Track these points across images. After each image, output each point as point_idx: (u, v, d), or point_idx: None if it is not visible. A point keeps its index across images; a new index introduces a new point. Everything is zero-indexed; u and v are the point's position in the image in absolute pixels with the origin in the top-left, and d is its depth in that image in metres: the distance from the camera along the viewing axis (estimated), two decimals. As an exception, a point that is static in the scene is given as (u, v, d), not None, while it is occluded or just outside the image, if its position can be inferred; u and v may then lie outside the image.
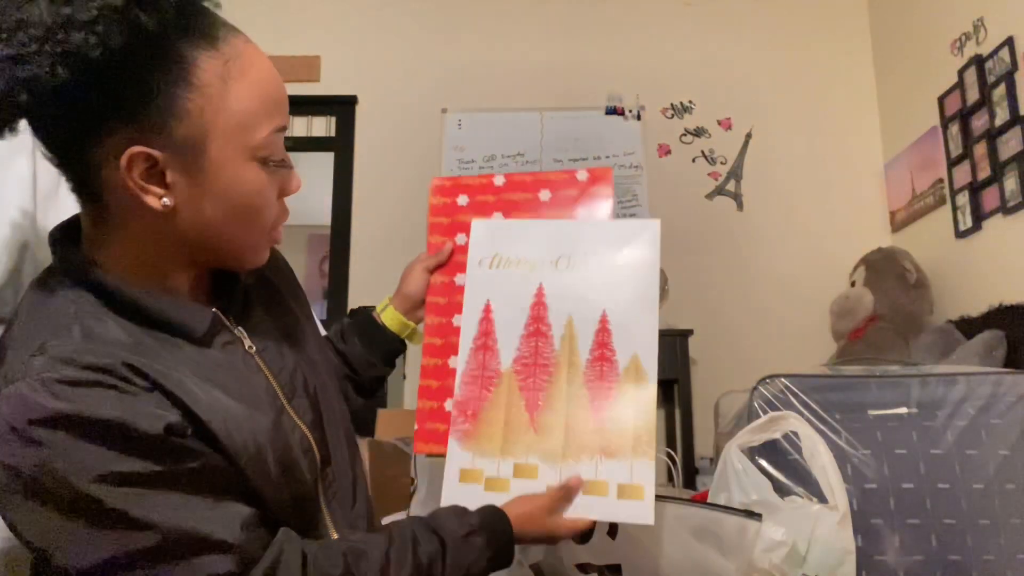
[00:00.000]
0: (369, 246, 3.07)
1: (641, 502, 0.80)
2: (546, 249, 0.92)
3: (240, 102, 0.64)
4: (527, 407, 0.86)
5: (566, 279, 0.90)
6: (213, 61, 0.63)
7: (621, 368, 0.84)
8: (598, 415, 0.83)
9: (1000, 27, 2.31)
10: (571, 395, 0.85)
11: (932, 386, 1.25)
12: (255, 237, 0.71)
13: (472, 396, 0.88)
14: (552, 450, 0.83)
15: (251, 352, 0.73)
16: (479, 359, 0.89)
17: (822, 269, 2.97)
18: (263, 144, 0.66)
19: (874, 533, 1.14)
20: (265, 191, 0.68)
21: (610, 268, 0.89)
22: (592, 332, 0.87)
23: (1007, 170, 2.25)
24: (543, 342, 0.88)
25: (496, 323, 0.90)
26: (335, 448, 0.78)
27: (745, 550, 0.91)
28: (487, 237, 0.95)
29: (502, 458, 0.84)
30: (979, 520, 1.15)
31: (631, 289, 0.87)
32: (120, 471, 0.57)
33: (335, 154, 3.20)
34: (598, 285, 0.89)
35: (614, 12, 3.26)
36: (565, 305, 0.89)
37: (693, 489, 2.41)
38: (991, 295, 2.29)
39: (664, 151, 3.16)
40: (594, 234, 0.92)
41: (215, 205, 0.66)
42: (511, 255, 0.93)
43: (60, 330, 0.61)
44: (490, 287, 0.92)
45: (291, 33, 3.19)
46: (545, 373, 0.87)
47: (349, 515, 0.77)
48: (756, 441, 1.13)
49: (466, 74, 3.21)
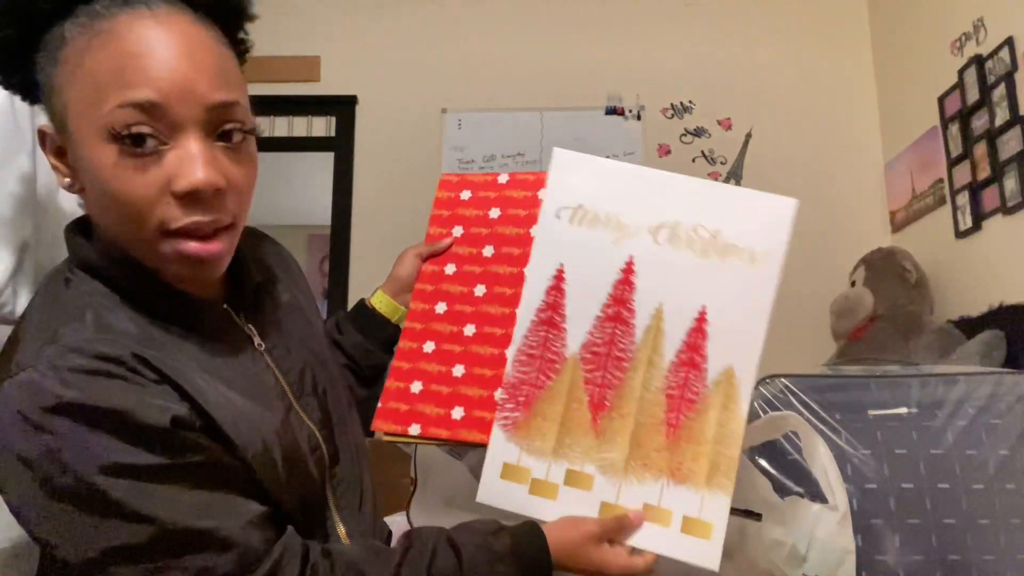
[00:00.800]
0: (369, 246, 3.06)
1: (707, 542, 0.69)
2: (647, 209, 0.75)
3: (92, 74, 0.59)
4: (591, 405, 0.73)
5: (665, 256, 0.74)
6: (81, 36, 0.60)
7: (710, 380, 0.71)
8: (674, 430, 0.71)
9: (1000, 27, 2.31)
10: (645, 400, 0.72)
11: (932, 386, 1.25)
12: (141, 238, 0.62)
13: (527, 380, 0.75)
14: (613, 461, 0.71)
15: (260, 350, 0.73)
16: (540, 336, 0.75)
17: (822, 269, 2.97)
18: (109, 119, 0.59)
19: (874, 533, 1.14)
20: (123, 177, 0.60)
21: (723, 254, 0.74)
22: (684, 329, 0.73)
23: (1007, 170, 2.25)
24: (622, 330, 0.74)
25: (568, 295, 0.75)
26: (343, 447, 0.77)
27: (745, 550, 0.91)
28: (573, 177, 0.78)
29: (554, 460, 0.72)
30: (979, 520, 1.15)
31: (743, 284, 0.73)
32: (125, 462, 0.57)
33: (335, 154, 3.19)
34: (704, 274, 0.73)
35: (614, 12, 3.26)
36: (657, 289, 0.74)
37: (693, 489, 2.40)
38: (991, 295, 2.29)
39: (664, 151, 3.16)
40: (713, 202, 0.75)
41: (92, 190, 0.62)
42: (600, 210, 0.76)
43: (73, 320, 0.61)
44: (566, 248, 0.76)
45: (291, 33, 3.19)
46: (619, 368, 0.73)
47: (357, 513, 0.77)
48: (756, 441, 1.13)
49: (466, 74, 3.21)
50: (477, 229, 0.95)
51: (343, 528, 0.74)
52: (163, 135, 0.60)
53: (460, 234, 0.96)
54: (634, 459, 0.71)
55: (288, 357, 0.75)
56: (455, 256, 0.94)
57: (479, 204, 0.97)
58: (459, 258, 0.94)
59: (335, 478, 0.75)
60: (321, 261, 4.75)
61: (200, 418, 0.62)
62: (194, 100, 0.61)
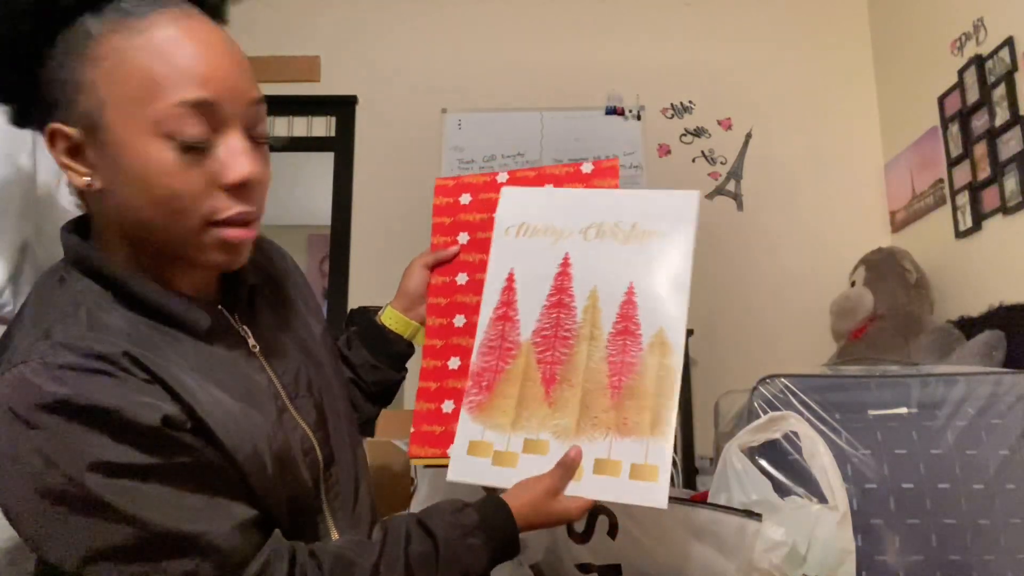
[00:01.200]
0: (369, 246, 3.07)
1: (654, 484, 0.76)
2: (576, 218, 0.88)
3: (134, 72, 0.60)
4: (543, 380, 0.82)
5: (594, 249, 0.86)
6: (115, 34, 0.61)
7: (645, 342, 0.80)
8: (616, 391, 0.79)
9: (1000, 27, 2.31)
10: (590, 370, 0.81)
11: (932, 386, 1.25)
12: (185, 229, 0.64)
13: (489, 367, 0.84)
14: (565, 426, 0.79)
15: (255, 351, 0.73)
16: (499, 329, 0.85)
17: (822, 269, 2.97)
18: (164, 118, 0.60)
19: (874, 533, 1.14)
20: (176, 173, 0.61)
21: (641, 239, 0.85)
22: (617, 304, 0.82)
23: (1007, 170, 2.25)
24: (565, 313, 0.84)
25: (519, 292, 0.86)
26: (339, 449, 0.77)
27: (745, 550, 0.91)
28: (516, 205, 0.92)
29: (513, 432, 0.80)
30: (979, 520, 1.15)
31: (663, 262, 0.83)
32: (113, 461, 0.57)
33: (335, 154, 3.19)
34: (627, 257, 0.84)
35: (614, 12, 3.26)
36: (590, 276, 0.85)
37: (693, 489, 2.41)
38: (991, 295, 2.29)
39: (664, 151, 3.16)
40: (628, 204, 0.88)
41: (127, 187, 0.62)
42: (539, 223, 0.89)
43: (66, 317, 0.61)
44: (515, 255, 0.88)
45: (291, 33, 3.19)
46: (565, 346, 0.82)
47: (351, 516, 0.76)
48: (756, 441, 1.13)
49: (466, 74, 3.21)
50: (483, 234, 0.95)
51: (337, 533, 0.74)
52: (213, 132, 0.63)
53: (466, 241, 0.96)
54: (584, 421, 0.79)
55: (282, 359, 0.75)
56: (464, 264, 0.95)
57: (481, 207, 0.97)
58: (469, 266, 0.95)
59: (330, 481, 0.75)
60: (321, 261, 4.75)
61: (190, 419, 0.62)
62: (239, 98, 0.64)
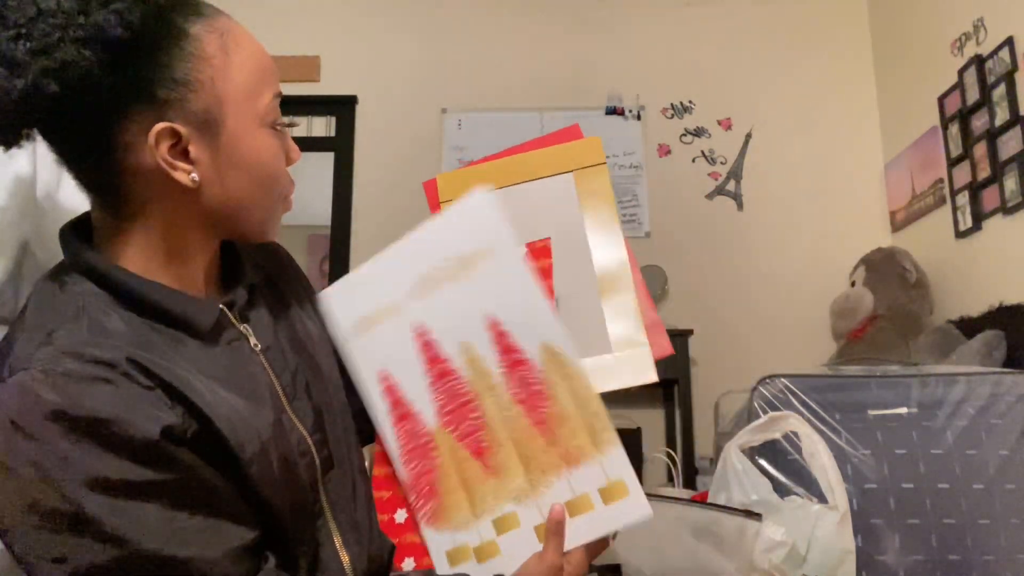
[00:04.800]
0: (369, 246, 3.06)
1: (628, 498, 0.71)
2: (399, 283, 0.80)
3: (243, 71, 0.66)
4: (474, 455, 0.75)
5: (436, 304, 0.78)
6: (211, 34, 0.65)
7: (538, 364, 0.74)
8: (543, 426, 0.73)
9: (1000, 27, 2.31)
10: (507, 419, 0.74)
11: (932, 386, 1.25)
12: (275, 205, 0.73)
13: (419, 472, 0.77)
14: (519, 488, 0.73)
15: (256, 350, 0.72)
16: (405, 431, 0.78)
17: (822, 269, 2.97)
18: (268, 110, 0.68)
19: (874, 533, 1.14)
20: (279, 156, 0.71)
21: (469, 269, 0.77)
22: (490, 343, 0.75)
23: (1007, 170, 2.25)
24: (451, 380, 0.77)
25: (399, 386, 0.79)
26: (337, 451, 0.76)
27: (745, 550, 0.92)
28: (340, 305, 0.83)
29: (478, 520, 0.74)
30: (979, 520, 1.15)
31: (503, 279, 0.76)
32: (109, 477, 0.56)
33: (335, 154, 3.20)
34: (469, 293, 0.77)
35: (614, 12, 3.26)
36: (450, 331, 0.77)
37: (693, 489, 2.41)
38: (991, 295, 2.29)
39: (664, 151, 3.16)
40: (433, 239, 0.79)
41: (238, 175, 0.68)
42: (370, 311, 0.81)
43: (68, 321, 0.61)
44: (373, 355, 0.80)
45: (291, 33, 3.19)
46: (471, 410, 0.76)
47: (353, 515, 0.76)
48: (756, 441, 1.13)
49: (466, 74, 3.21)
50: None
51: (339, 537, 0.73)
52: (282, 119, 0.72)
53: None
54: (532, 473, 0.73)
55: (282, 359, 0.75)
56: None
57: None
58: None
59: (329, 484, 0.74)
60: (321, 261, 4.75)
61: (195, 419, 0.61)
62: None
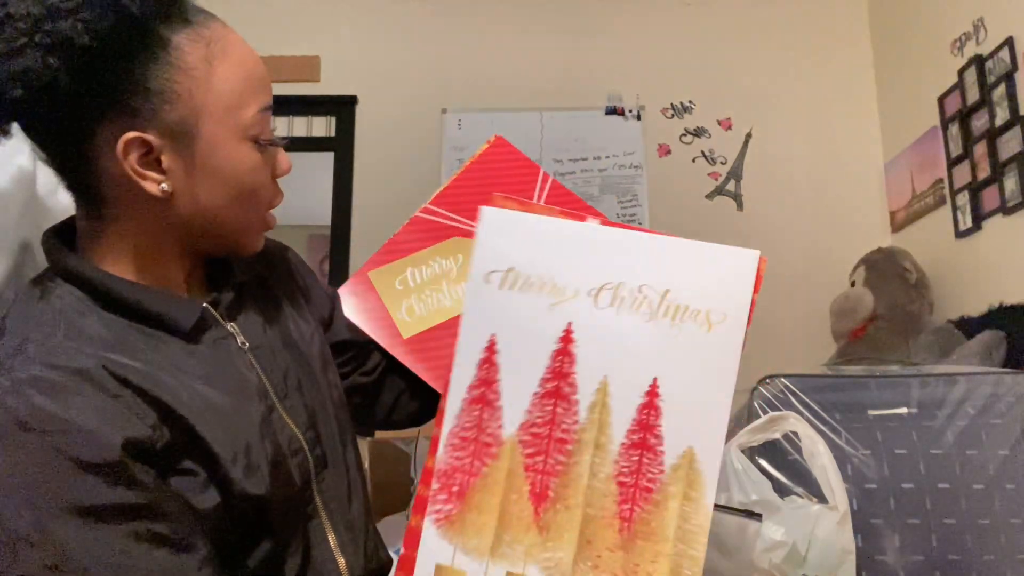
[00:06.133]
0: (369, 246, 3.05)
1: None
2: (585, 270, 0.66)
3: (226, 82, 0.65)
4: (532, 496, 0.63)
5: (608, 322, 0.64)
6: (196, 44, 0.64)
7: (668, 464, 0.62)
8: (627, 524, 0.61)
9: (1000, 27, 2.31)
10: (593, 489, 0.62)
11: (932, 386, 1.25)
12: (252, 219, 0.72)
13: (460, 466, 0.65)
14: (559, 562, 0.61)
15: (244, 348, 0.72)
16: (474, 416, 0.66)
17: (822, 269, 2.97)
18: (253, 123, 0.67)
19: (874, 533, 1.15)
20: (259, 170, 0.69)
21: (674, 317, 0.64)
22: (634, 405, 0.63)
23: (1007, 170, 2.25)
24: (564, 407, 0.64)
25: (502, 369, 0.66)
26: (330, 449, 0.76)
27: (745, 550, 0.91)
28: (501, 237, 0.68)
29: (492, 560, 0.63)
30: (979, 520, 1.15)
31: (699, 351, 0.63)
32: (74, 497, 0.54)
33: (335, 154, 3.20)
34: (653, 340, 0.63)
35: (614, 12, 3.26)
36: (601, 360, 0.64)
37: (693, 489, 2.40)
38: (991, 295, 2.29)
39: (664, 151, 3.16)
40: (656, 258, 0.65)
41: (213, 187, 0.67)
42: (533, 271, 0.67)
43: (43, 326, 0.61)
44: (498, 316, 0.67)
45: (291, 33, 3.19)
46: (562, 452, 0.63)
47: (347, 515, 0.75)
48: (756, 441, 1.13)
49: (466, 74, 3.21)
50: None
51: (333, 536, 0.73)
52: (272, 132, 0.70)
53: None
54: (583, 559, 0.61)
55: (271, 357, 0.74)
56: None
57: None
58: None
59: (323, 483, 0.73)
60: (321, 261, 4.75)
61: (169, 423, 0.60)
62: None
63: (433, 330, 0.91)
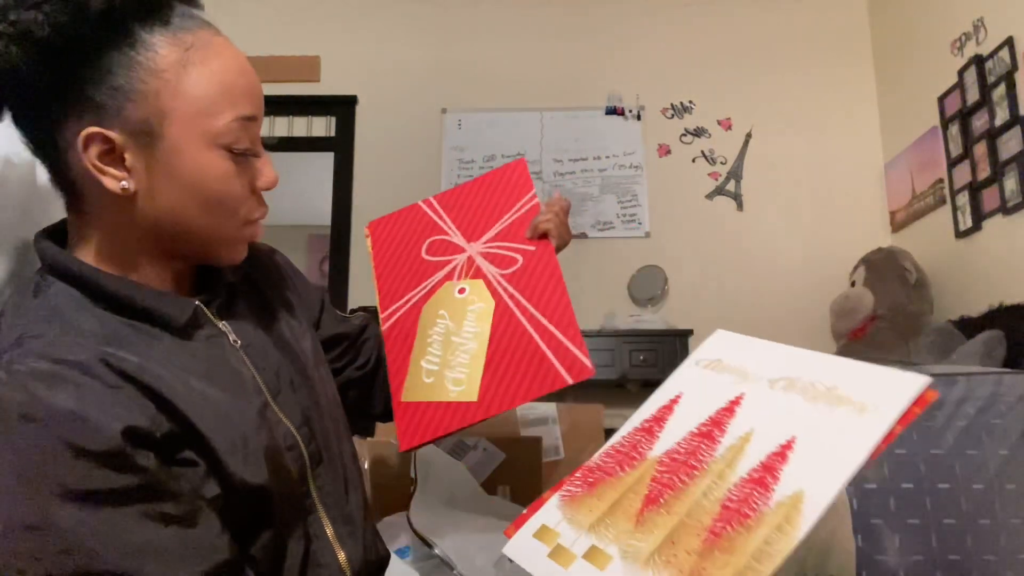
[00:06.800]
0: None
1: None
2: (773, 368, 0.79)
3: (198, 88, 0.65)
4: (646, 498, 0.72)
5: (774, 398, 0.75)
6: (172, 47, 0.64)
7: (775, 500, 0.67)
8: (714, 538, 0.66)
9: (1000, 27, 2.31)
10: (699, 507, 0.69)
11: (931, 386, 1.25)
12: (225, 229, 0.70)
13: (603, 467, 0.77)
14: (639, 550, 0.68)
15: (236, 346, 0.72)
16: (634, 440, 0.78)
17: (822, 269, 2.97)
18: (225, 131, 0.66)
19: (874, 533, 1.15)
20: (229, 180, 0.67)
21: (831, 402, 0.72)
22: (766, 453, 0.70)
23: (1007, 170, 2.25)
24: (707, 444, 0.74)
25: (675, 415, 0.79)
26: (325, 444, 0.77)
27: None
28: (722, 346, 0.85)
29: (587, 533, 0.71)
30: (979, 520, 1.15)
31: (843, 426, 0.70)
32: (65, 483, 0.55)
33: (335, 154, 3.20)
34: (805, 413, 0.72)
35: (614, 12, 3.26)
36: (754, 419, 0.74)
37: (693, 489, 2.41)
38: (991, 295, 2.29)
39: (664, 151, 3.16)
40: (838, 368, 0.76)
41: (177, 191, 0.66)
42: (733, 363, 0.82)
43: (39, 322, 0.61)
44: (691, 383, 0.82)
45: (291, 33, 3.19)
46: (688, 475, 0.72)
47: (345, 509, 0.76)
48: (756, 441, 1.13)
49: (466, 74, 3.21)
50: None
51: (332, 530, 0.73)
52: (252, 142, 0.69)
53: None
54: (660, 554, 0.67)
55: (263, 355, 0.75)
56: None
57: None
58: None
59: (319, 478, 0.74)
60: (321, 261, 4.75)
61: (167, 415, 0.61)
62: (263, 114, 0.71)
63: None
